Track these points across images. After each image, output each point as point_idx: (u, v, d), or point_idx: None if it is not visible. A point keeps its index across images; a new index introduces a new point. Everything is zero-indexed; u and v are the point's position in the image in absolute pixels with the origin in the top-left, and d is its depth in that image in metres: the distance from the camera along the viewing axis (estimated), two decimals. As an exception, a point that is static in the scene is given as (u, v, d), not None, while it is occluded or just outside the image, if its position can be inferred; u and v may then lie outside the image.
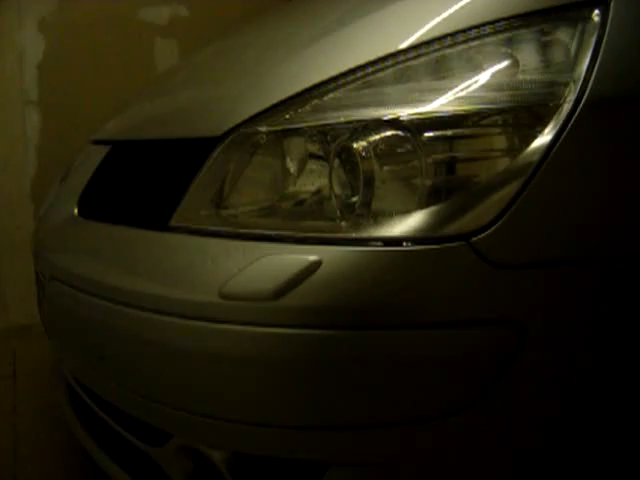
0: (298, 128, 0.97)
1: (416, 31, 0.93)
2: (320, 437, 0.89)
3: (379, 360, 0.84)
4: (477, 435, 0.88)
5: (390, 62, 0.93)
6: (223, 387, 0.90)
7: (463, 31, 0.91)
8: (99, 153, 1.44)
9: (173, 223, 1.04)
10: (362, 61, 0.94)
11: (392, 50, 0.93)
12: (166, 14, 3.02)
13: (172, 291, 0.94)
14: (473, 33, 0.91)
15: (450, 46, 0.91)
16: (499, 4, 0.92)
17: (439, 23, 0.92)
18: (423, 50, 0.92)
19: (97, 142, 1.53)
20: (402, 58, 0.92)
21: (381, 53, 0.94)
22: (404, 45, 0.93)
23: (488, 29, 0.91)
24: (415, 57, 0.92)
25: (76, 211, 1.38)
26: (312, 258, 0.84)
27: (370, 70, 0.93)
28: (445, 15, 0.93)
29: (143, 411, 1.05)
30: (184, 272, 0.95)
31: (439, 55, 0.91)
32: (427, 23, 0.93)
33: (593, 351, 0.88)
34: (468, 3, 0.93)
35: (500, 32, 0.91)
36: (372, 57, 0.94)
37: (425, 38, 0.92)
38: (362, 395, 0.85)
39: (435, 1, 0.97)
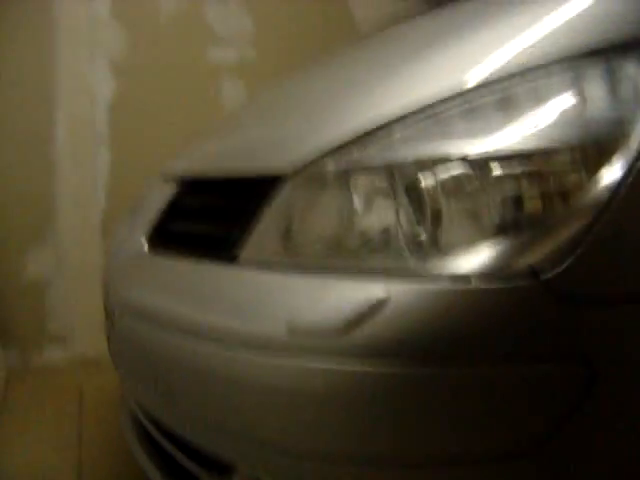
0: (366, 165, 0.98)
1: (485, 68, 0.94)
2: (392, 476, 0.88)
3: (448, 398, 0.83)
4: (549, 474, 0.86)
5: (458, 100, 0.93)
6: (291, 422, 0.90)
7: (531, 69, 0.91)
8: (168, 190, 1.48)
9: (242, 257, 1.06)
10: (430, 99, 0.95)
11: (460, 88, 0.94)
12: (234, 56, 3.09)
13: (240, 325, 0.96)
14: (541, 71, 0.91)
15: (518, 84, 0.91)
16: (566, 41, 0.93)
17: (508, 61, 0.93)
18: (491, 87, 0.92)
19: (166, 179, 1.57)
20: (470, 96, 0.93)
21: (449, 91, 0.95)
22: (472, 83, 0.94)
23: (555, 66, 0.91)
24: (483, 95, 0.93)
25: (146, 247, 1.41)
26: (380, 295, 0.85)
27: (438, 108, 0.94)
28: (514, 52, 0.94)
29: (209, 442, 1.06)
30: (252, 306, 0.97)
31: (507, 93, 0.92)
32: (496, 60, 0.94)
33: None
34: (536, 41, 0.93)
35: (567, 69, 0.91)
36: (440, 95, 0.95)
37: (494, 76, 0.93)
38: (433, 433, 0.85)
39: (504, 38, 0.97)
